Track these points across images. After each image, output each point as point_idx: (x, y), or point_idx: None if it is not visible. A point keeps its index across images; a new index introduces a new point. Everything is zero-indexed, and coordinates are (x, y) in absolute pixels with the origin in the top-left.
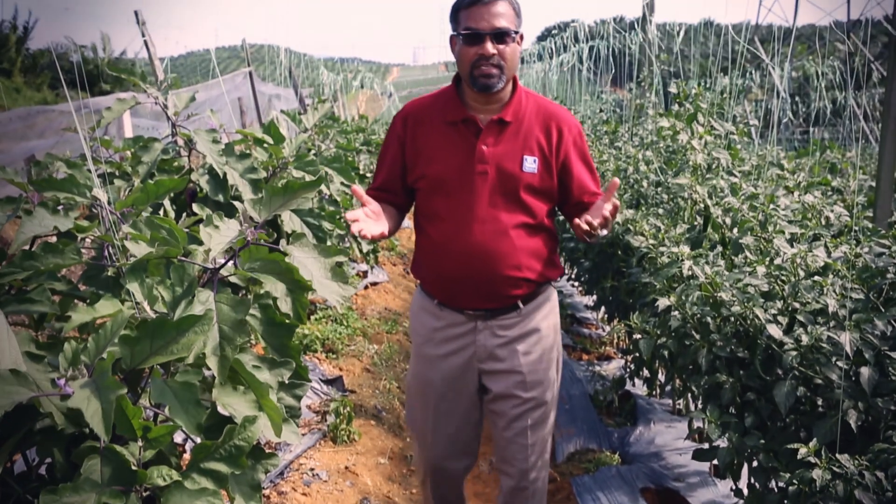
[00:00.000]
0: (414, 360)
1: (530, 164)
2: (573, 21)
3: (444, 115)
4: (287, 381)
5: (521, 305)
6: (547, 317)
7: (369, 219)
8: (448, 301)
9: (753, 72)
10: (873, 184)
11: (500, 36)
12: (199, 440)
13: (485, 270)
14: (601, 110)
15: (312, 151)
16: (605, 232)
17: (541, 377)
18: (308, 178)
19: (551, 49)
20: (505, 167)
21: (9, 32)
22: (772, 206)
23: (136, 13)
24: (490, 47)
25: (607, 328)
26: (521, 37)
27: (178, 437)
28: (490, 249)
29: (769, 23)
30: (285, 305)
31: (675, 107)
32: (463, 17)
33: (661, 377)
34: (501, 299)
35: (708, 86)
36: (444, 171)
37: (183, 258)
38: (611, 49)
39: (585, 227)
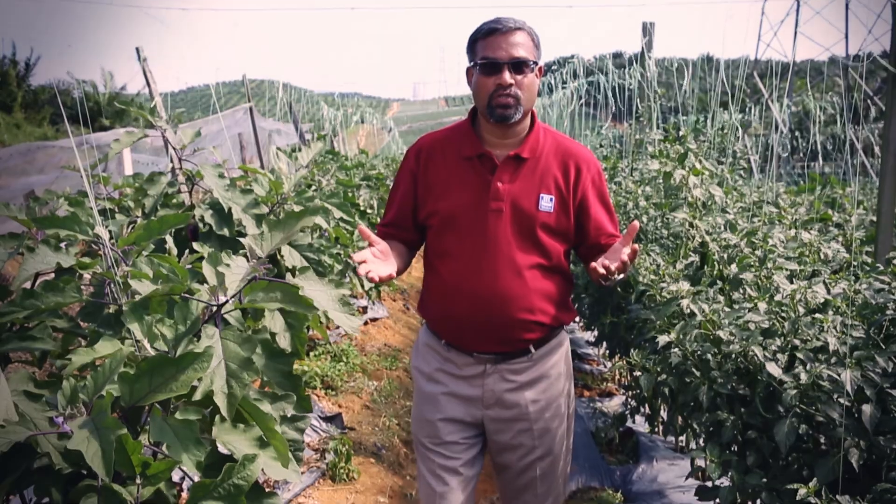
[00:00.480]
0: (417, 400)
1: (547, 202)
2: (573, 56)
3: (460, 149)
4: (289, 415)
5: (532, 350)
6: (558, 363)
7: (377, 259)
8: (457, 342)
9: (753, 106)
10: (874, 218)
11: (518, 66)
12: (197, 478)
13: (497, 313)
14: (601, 145)
15: (312, 187)
16: (621, 276)
17: (550, 426)
18: None
19: (551, 84)
20: (520, 205)
21: (9, 68)
22: (770, 242)
23: (137, 49)
24: (507, 77)
25: (609, 364)
26: (541, 69)
27: (176, 476)
28: (503, 291)
29: (768, 58)
30: (284, 341)
31: (667, 146)
32: (480, 47)
33: (664, 414)
34: (513, 343)
35: (706, 121)
36: (457, 208)
37: (187, 295)
38: (610, 84)
39: (602, 270)
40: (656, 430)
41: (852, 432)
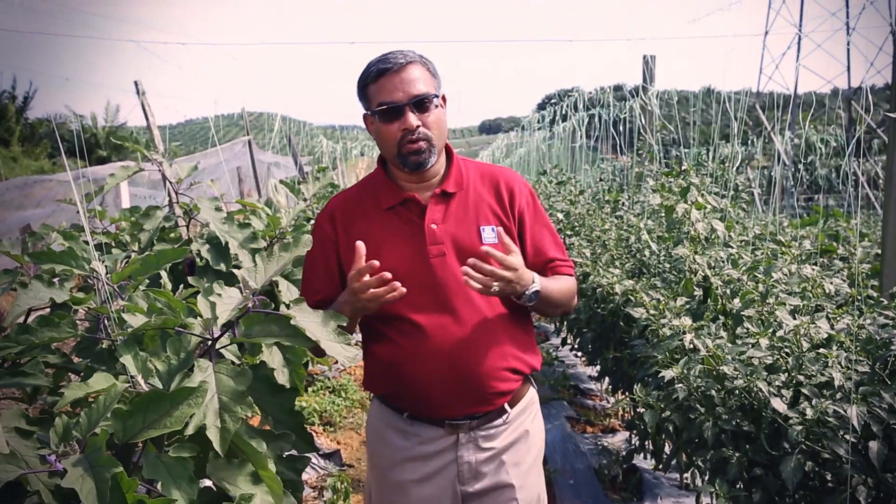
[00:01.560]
0: (377, 491)
1: (489, 233)
2: (573, 89)
3: (378, 201)
4: (286, 455)
5: (508, 409)
6: (534, 418)
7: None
8: (423, 413)
9: (756, 139)
10: (879, 251)
11: (421, 104)
12: None
13: (467, 365)
14: (601, 179)
15: (311, 220)
16: (496, 291)
17: (534, 491)
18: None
19: (551, 118)
20: (462, 243)
21: (8, 102)
22: (773, 277)
23: (135, 83)
24: (412, 119)
25: (612, 400)
26: (444, 98)
27: None
28: (470, 340)
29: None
30: (282, 376)
31: (669, 179)
32: (373, 93)
33: (668, 450)
34: (488, 399)
35: (708, 154)
36: (395, 264)
37: (181, 329)
38: (611, 117)
39: (463, 277)
40: (661, 466)
41: (859, 469)
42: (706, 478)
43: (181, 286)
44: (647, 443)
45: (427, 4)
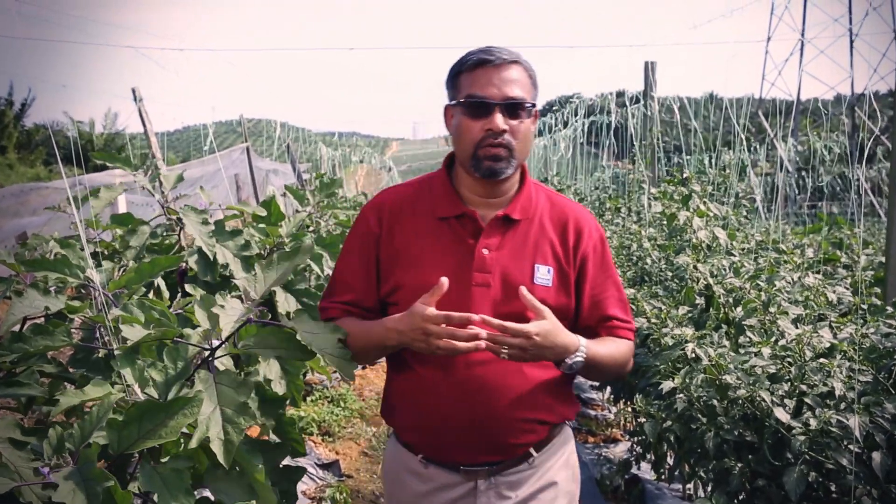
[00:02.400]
0: None
1: (544, 274)
2: (574, 95)
3: (433, 207)
4: (283, 466)
5: (533, 454)
6: (565, 465)
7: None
8: (437, 456)
9: (758, 146)
10: (883, 259)
11: (513, 108)
12: None
13: (489, 413)
14: (596, 187)
15: (311, 228)
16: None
17: None
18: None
19: (552, 124)
20: (512, 278)
21: (5, 109)
22: (775, 286)
23: (133, 90)
24: (500, 121)
25: (614, 409)
26: (537, 114)
27: None
28: (495, 385)
29: (773, 97)
30: (280, 387)
31: (670, 187)
32: (465, 83)
33: (670, 460)
34: (509, 449)
35: (711, 160)
36: (431, 281)
37: (178, 339)
38: (613, 123)
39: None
40: (663, 477)
41: (863, 480)
42: (709, 489)
43: (179, 295)
44: (648, 453)
45: (427, 10)
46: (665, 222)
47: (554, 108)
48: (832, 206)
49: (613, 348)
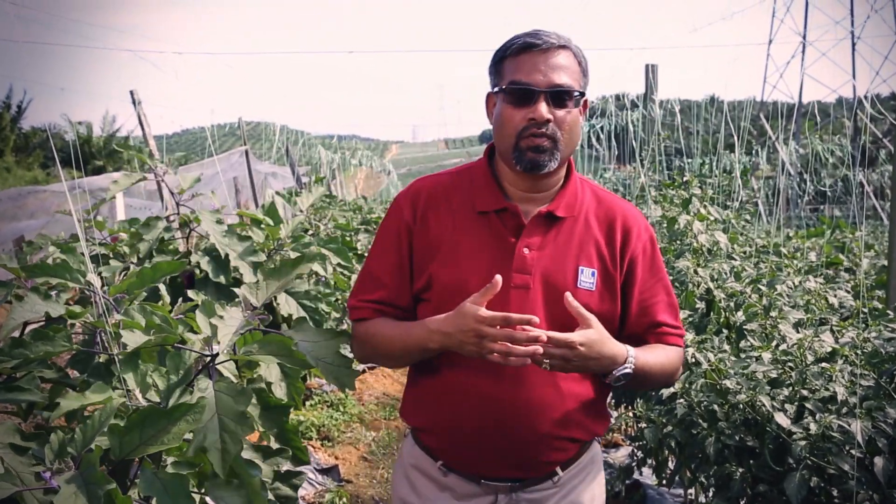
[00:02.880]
0: None
1: (588, 277)
2: None
3: (473, 200)
4: (283, 471)
5: (559, 472)
6: (591, 485)
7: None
8: (458, 465)
9: (760, 149)
10: (885, 262)
11: (560, 97)
12: None
13: (519, 427)
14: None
15: (310, 232)
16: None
17: None
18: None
19: None
20: (554, 280)
21: (2, 111)
22: (775, 291)
23: (131, 93)
24: (544, 110)
25: (615, 414)
26: (586, 104)
27: None
28: (529, 397)
29: (774, 99)
30: (280, 391)
31: (670, 191)
32: (509, 68)
33: (672, 465)
34: (535, 466)
35: (711, 164)
36: (467, 279)
37: (180, 345)
38: (614, 126)
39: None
40: (664, 482)
41: (865, 485)
42: (710, 494)
43: (180, 299)
44: (649, 458)
45: (427, 12)
46: (665, 226)
47: None
48: (834, 209)
49: (663, 357)
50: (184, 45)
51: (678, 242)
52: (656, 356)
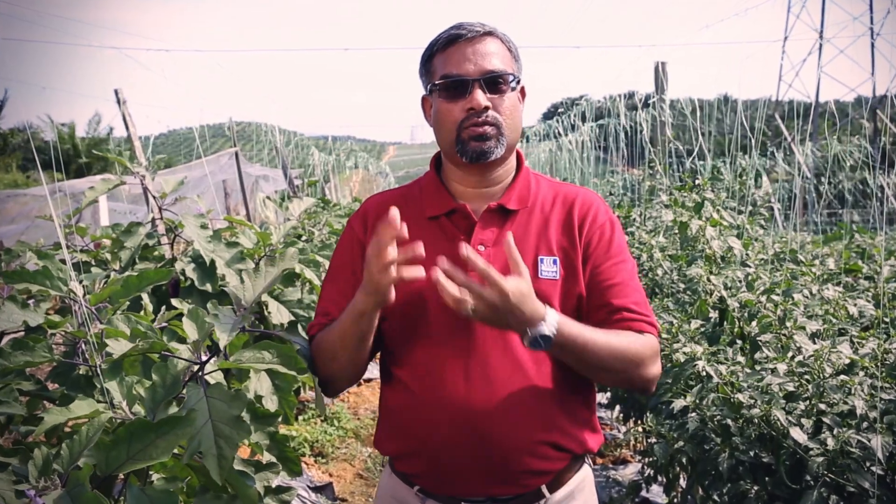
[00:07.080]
0: None
1: (549, 266)
2: (581, 97)
3: (422, 208)
4: (273, 486)
5: (546, 493)
6: None
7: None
8: (435, 487)
9: (775, 150)
10: None
11: (494, 82)
12: None
13: (494, 432)
14: (611, 193)
15: (303, 237)
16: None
17: None
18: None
19: (558, 129)
20: None
21: None
22: (792, 300)
23: (115, 92)
24: (481, 97)
25: (623, 429)
26: (523, 90)
27: None
28: (503, 399)
29: (790, 98)
30: (271, 403)
31: (682, 194)
32: (438, 64)
33: (683, 483)
34: (518, 480)
35: (725, 165)
36: (424, 287)
37: (167, 353)
38: (622, 127)
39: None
40: (675, 500)
41: (886, 503)
42: None
43: (163, 308)
44: (659, 475)
45: (427, 9)
46: (677, 232)
47: (560, 111)
48: (853, 213)
49: (616, 339)
50: (172, 43)
51: (690, 249)
52: (606, 336)
